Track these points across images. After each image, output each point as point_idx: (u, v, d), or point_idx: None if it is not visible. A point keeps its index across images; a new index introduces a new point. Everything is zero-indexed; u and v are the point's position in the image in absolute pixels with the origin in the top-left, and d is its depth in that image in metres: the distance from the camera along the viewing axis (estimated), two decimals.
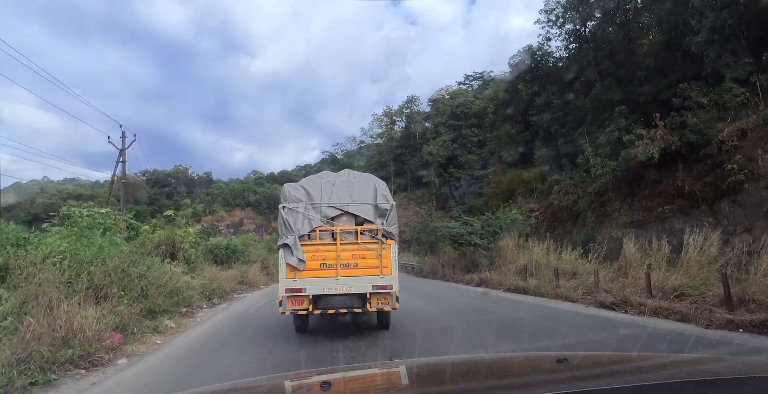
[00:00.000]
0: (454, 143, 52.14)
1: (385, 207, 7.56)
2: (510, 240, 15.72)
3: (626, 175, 20.80)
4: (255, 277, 20.35)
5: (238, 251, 20.86)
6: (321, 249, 7.23)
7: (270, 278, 23.92)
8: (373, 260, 7.25)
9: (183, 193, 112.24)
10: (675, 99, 19.09)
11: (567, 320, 8.26)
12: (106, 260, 7.25)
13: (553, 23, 36.65)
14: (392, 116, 60.21)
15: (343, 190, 7.70)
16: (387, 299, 7.26)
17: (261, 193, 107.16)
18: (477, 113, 54.06)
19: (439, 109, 54.54)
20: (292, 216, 7.35)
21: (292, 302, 7.09)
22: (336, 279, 7.14)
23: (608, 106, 25.75)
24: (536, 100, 34.27)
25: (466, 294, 13.79)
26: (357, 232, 7.39)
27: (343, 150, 71.19)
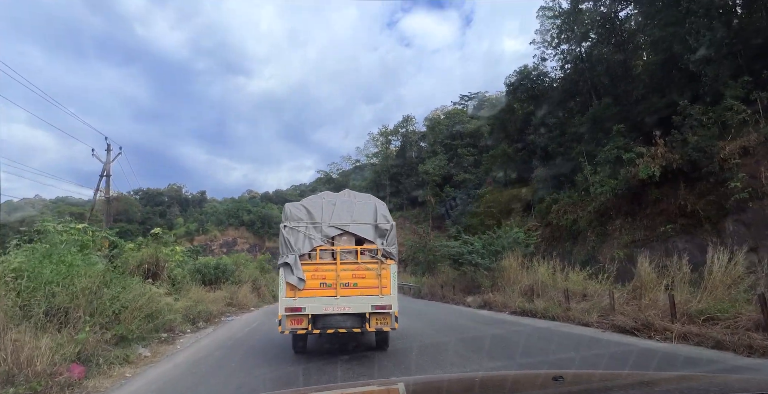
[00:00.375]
0: (450, 162, 51.97)
1: (385, 227, 7.59)
2: (513, 260, 15.02)
3: (627, 194, 20.39)
4: (245, 298, 19.27)
5: (228, 271, 19.72)
6: (321, 268, 7.23)
7: (261, 299, 22.82)
8: (373, 279, 7.24)
9: (176, 212, 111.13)
10: (675, 117, 18.85)
11: (590, 347, 7.54)
12: (74, 279, 6.45)
13: (548, 44, 37.02)
14: (388, 135, 60.18)
15: (343, 210, 7.73)
16: (386, 319, 7.22)
17: (255, 212, 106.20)
18: (473, 133, 54.12)
19: (435, 129, 54.55)
20: (293, 235, 7.36)
21: (292, 322, 7.05)
22: (336, 298, 7.11)
23: (606, 125, 25.58)
24: (533, 119, 34.18)
25: (471, 317, 12.99)
26: (357, 251, 7.37)
27: (339, 169, 70.83)
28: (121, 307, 7.15)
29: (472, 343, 8.43)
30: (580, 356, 6.70)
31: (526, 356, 7.01)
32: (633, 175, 19.35)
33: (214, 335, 10.96)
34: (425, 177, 49.93)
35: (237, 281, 20.11)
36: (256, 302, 21.01)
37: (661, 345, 7.19)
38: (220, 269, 19.21)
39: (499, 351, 7.58)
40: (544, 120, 32.54)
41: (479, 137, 53.49)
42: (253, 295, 21.71)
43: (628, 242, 19.58)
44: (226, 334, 11.06)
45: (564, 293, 11.60)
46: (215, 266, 19.39)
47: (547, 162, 30.86)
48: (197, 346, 9.09)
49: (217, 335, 10.94)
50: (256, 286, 23.09)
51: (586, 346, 7.59)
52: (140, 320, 7.42)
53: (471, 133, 54.13)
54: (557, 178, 29.25)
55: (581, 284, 11.88)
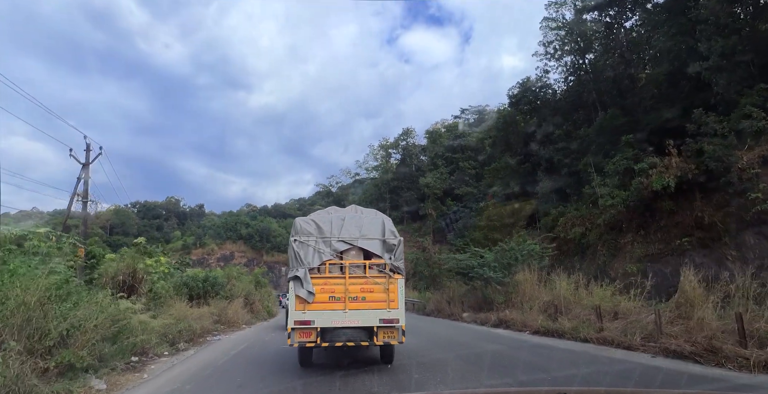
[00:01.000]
0: (452, 176, 51.13)
1: (392, 242, 7.73)
2: (529, 274, 13.92)
3: (639, 206, 19.47)
4: (236, 315, 17.85)
5: (218, 285, 18.27)
6: (330, 282, 7.35)
7: (254, 315, 21.48)
8: (381, 293, 7.39)
9: (174, 225, 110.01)
10: (689, 125, 18.01)
11: (651, 378, 6.29)
12: (9, 292, 5.36)
13: (551, 56, 36.54)
14: (388, 148, 59.45)
15: (352, 226, 7.87)
16: (393, 332, 7.34)
17: (253, 226, 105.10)
18: (474, 146, 53.45)
19: (436, 141, 53.89)
20: (303, 249, 7.50)
21: (300, 335, 7.16)
22: (344, 312, 7.23)
23: (613, 136, 24.79)
24: (536, 131, 33.44)
25: (491, 338, 11.43)
26: (365, 266, 7.53)
27: (338, 183, 69.98)
28: (71, 327, 5.90)
29: (507, 371, 7.28)
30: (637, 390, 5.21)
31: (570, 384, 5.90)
32: (645, 187, 18.46)
33: (194, 359, 9.50)
34: (426, 190, 49.01)
35: (228, 296, 18.84)
36: (248, 319, 19.64)
37: (741, 375, 6.03)
38: (210, 283, 17.76)
39: (548, 382, 6.13)
40: (548, 132, 31.78)
41: (480, 151, 52.80)
42: (246, 311, 20.36)
43: (641, 256, 18.57)
44: (208, 358, 9.61)
45: (595, 311, 10.25)
46: (204, 278, 17.88)
47: (552, 174, 30.01)
48: (170, 374, 7.71)
49: (197, 359, 9.49)
50: (249, 301, 21.70)
51: (651, 377, 6.26)
52: (98, 342, 6.27)
53: (472, 147, 53.45)
54: (563, 190, 28.37)
55: (609, 301, 10.71)
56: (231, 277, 21.22)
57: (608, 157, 24.27)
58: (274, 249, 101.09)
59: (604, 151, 24.86)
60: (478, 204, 44.05)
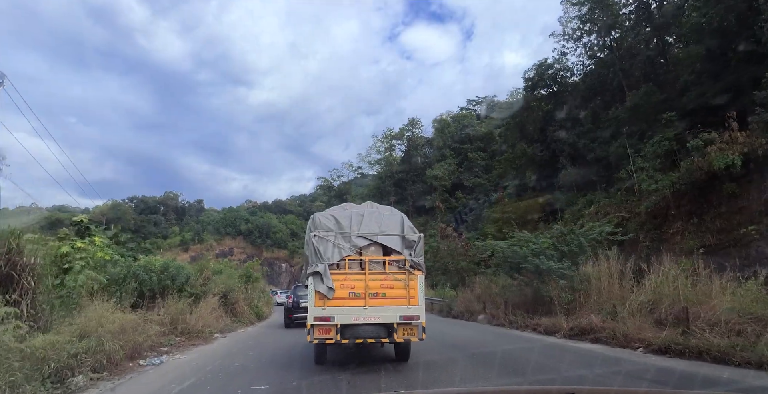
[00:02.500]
0: (460, 167, 48.54)
1: (412, 238, 7.65)
2: (604, 265, 10.78)
3: (690, 190, 16.89)
4: (203, 321, 12.90)
5: (179, 278, 13.60)
6: (350, 278, 7.32)
7: (236, 319, 16.89)
8: (401, 290, 7.31)
9: (172, 220, 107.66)
10: (756, 93, 15.43)
11: None
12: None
13: (569, 37, 33.99)
14: (392, 138, 56.83)
15: (372, 221, 7.77)
16: (413, 329, 7.29)
17: (253, 222, 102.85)
18: (483, 136, 50.86)
19: (444, 130, 51.28)
20: (323, 245, 7.42)
21: (320, 331, 7.13)
22: (364, 309, 7.19)
23: (650, 115, 22.23)
24: (556, 115, 30.85)
25: (599, 362, 7.48)
26: (385, 262, 7.44)
27: (340, 176, 67.43)
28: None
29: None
30: None
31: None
32: (700, 167, 15.93)
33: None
34: (434, 182, 46.41)
35: (198, 294, 14.46)
36: (225, 325, 14.90)
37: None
38: (168, 275, 13.16)
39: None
40: (571, 115, 29.21)
41: (490, 141, 50.25)
42: (221, 314, 15.65)
43: (695, 247, 16.01)
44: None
45: None
46: (162, 269, 13.28)
47: (577, 161, 27.43)
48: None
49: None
50: (230, 300, 17.08)
51: None
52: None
53: (481, 137, 50.86)
54: (589, 178, 25.78)
55: (764, 302, 7.23)
56: (205, 269, 16.82)
57: (644, 139, 21.75)
58: (274, 245, 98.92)
59: (640, 133, 22.35)
60: (489, 197, 41.55)
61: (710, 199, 16.33)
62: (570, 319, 10.51)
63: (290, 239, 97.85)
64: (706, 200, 16.50)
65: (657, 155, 19.80)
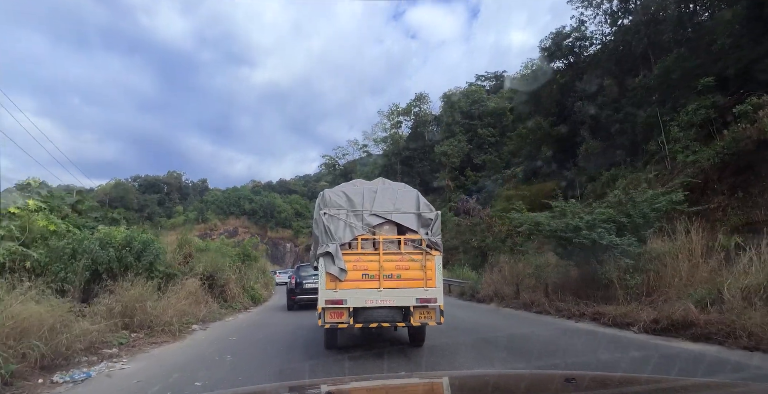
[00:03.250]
0: (470, 144, 46.76)
1: (429, 216, 7.25)
2: (683, 239, 9.24)
3: (734, 161, 15.30)
4: (173, 309, 10.03)
5: (147, 255, 10.59)
6: (363, 259, 6.93)
7: (227, 305, 14.62)
8: (417, 271, 6.93)
9: (176, 200, 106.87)
10: None
11: None
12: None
13: (588, 3, 31.79)
14: (399, 114, 54.88)
15: (385, 198, 7.38)
16: (431, 313, 6.89)
17: (257, 201, 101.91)
18: (493, 112, 48.84)
19: (453, 106, 49.27)
20: (334, 223, 7.03)
21: (331, 315, 6.79)
22: (378, 291, 6.82)
23: (682, 82, 20.44)
24: (577, 86, 28.94)
25: None
26: (401, 241, 7.04)
27: (345, 154, 65.73)
28: None
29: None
30: None
31: None
32: (749, 135, 14.31)
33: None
34: (443, 159, 44.76)
35: (177, 274, 12.05)
36: (208, 313, 12.16)
37: None
38: (132, 251, 10.34)
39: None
40: (591, 85, 27.30)
41: (501, 117, 48.30)
42: (212, 298, 13.50)
43: (740, 225, 14.52)
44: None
45: None
46: (124, 243, 10.42)
47: (598, 134, 25.68)
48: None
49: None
50: (218, 283, 14.39)
51: None
52: None
53: (491, 113, 48.86)
54: (612, 151, 24.11)
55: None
56: (186, 244, 14.14)
57: (677, 107, 20.02)
58: (278, 225, 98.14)
59: (672, 101, 20.59)
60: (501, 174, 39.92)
61: (758, 170, 14.74)
62: (643, 307, 8.36)
63: (294, 219, 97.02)
64: (754, 171, 14.91)
65: (692, 124, 18.15)
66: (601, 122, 25.27)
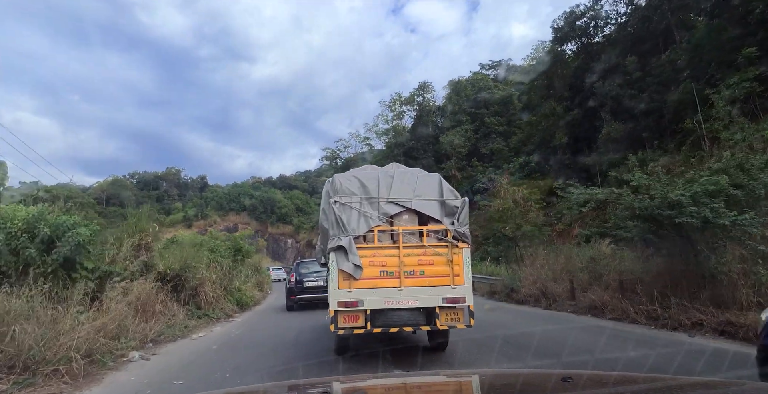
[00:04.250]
0: (476, 133, 45.00)
1: (454, 204, 6.36)
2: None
3: None
4: (88, 333, 6.34)
5: (62, 246, 7.02)
6: (380, 253, 6.11)
7: (203, 313, 11.19)
8: (443, 266, 6.14)
9: (174, 196, 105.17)
10: None
11: None
12: None
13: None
14: (402, 103, 53.03)
15: (404, 184, 6.48)
16: (458, 314, 6.11)
17: (257, 197, 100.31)
18: (500, 100, 47.05)
19: (460, 94, 47.45)
20: (346, 213, 6.16)
21: (345, 319, 5.95)
22: (399, 290, 5.99)
23: (717, 56, 18.71)
24: (593, 66, 27.15)
25: None
26: (423, 233, 6.25)
27: (346, 147, 63.91)
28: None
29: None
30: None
31: None
32: None
33: None
34: (449, 149, 43.01)
35: (122, 274, 8.70)
36: (161, 330, 8.72)
37: None
38: (37, 240, 7.01)
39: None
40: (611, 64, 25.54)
41: (508, 105, 46.54)
42: (179, 306, 10.28)
43: None
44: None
45: None
46: (27, 226, 7.09)
47: (619, 116, 23.93)
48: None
49: None
50: (188, 284, 10.82)
51: None
52: None
53: (499, 101, 47.07)
54: (636, 133, 22.39)
55: None
56: (141, 233, 10.13)
57: (713, 83, 18.31)
58: (279, 221, 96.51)
59: (707, 77, 18.86)
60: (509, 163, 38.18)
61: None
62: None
63: (295, 215, 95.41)
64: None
65: (734, 100, 16.46)
66: (624, 103, 23.52)
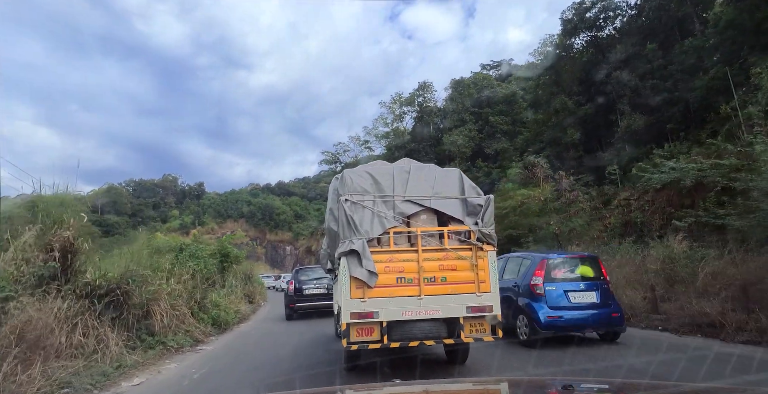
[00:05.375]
0: (480, 133, 43.38)
1: (477, 202, 5.75)
2: None
3: None
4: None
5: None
6: (397, 258, 5.48)
7: (155, 341, 8.06)
8: (467, 272, 5.54)
9: (171, 203, 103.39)
10: None
11: None
12: None
13: None
14: (402, 104, 51.50)
15: (421, 180, 5.85)
16: (484, 325, 5.49)
17: (255, 204, 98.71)
18: (504, 99, 45.53)
19: (462, 92, 45.88)
20: (358, 213, 5.54)
21: (359, 332, 5.29)
22: (419, 299, 5.36)
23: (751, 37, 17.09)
24: (609, 57, 25.52)
25: None
26: (444, 234, 5.62)
27: (346, 150, 62.32)
28: None
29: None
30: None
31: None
32: None
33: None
34: (453, 149, 41.34)
35: None
36: (64, 379, 5.54)
37: None
38: None
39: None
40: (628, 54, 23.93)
41: (512, 104, 45.02)
42: (108, 335, 6.91)
43: None
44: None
45: None
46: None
47: (637, 108, 22.21)
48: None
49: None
50: (134, 302, 7.76)
51: None
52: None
53: (503, 100, 45.53)
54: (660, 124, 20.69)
55: None
56: (53, 224, 7.21)
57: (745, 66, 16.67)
58: (278, 227, 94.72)
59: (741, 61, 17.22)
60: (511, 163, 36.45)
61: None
62: None
63: (294, 221, 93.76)
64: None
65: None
66: (643, 94, 21.86)
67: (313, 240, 72.52)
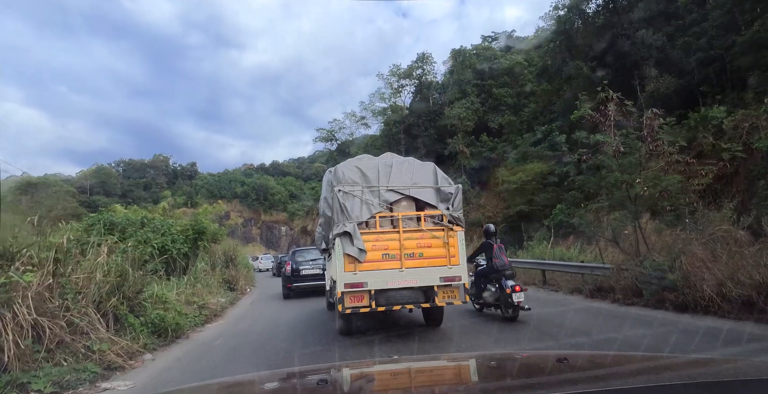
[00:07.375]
0: (483, 106, 41.20)
1: (449, 191, 6.99)
2: None
3: None
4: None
5: None
6: (382, 238, 6.65)
7: (54, 365, 5.07)
8: (440, 248, 6.75)
9: (163, 184, 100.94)
10: None
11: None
12: None
13: None
14: (401, 77, 48.94)
15: (402, 172, 7.06)
16: (454, 292, 6.77)
17: (250, 183, 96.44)
18: (509, 70, 43.20)
19: (464, 62, 43.45)
20: (349, 201, 6.68)
21: (351, 299, 6.47)
22: (400, 271, 6.57)
23: None
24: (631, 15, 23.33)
25: None
26: (420, 218, 6.85)
27: (342, 128, 59.86)
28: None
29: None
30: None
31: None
32: None
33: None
34: (455, 123, 39.20)
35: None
36: None
37: None
38: None
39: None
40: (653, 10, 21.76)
41: (517, 76, 42.73)
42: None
43: None
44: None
45: None
46: None
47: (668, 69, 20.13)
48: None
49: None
50: None
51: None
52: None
53: (507, 71, 43.19)
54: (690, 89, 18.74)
55: None
56: None
57: None
58: (272, 208, 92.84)
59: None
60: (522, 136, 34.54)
61: None
62: None
63: (289, 201, 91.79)
64: None
65: None
66: (672, 55, 19.79)
67: (308, 220, 70.73)
